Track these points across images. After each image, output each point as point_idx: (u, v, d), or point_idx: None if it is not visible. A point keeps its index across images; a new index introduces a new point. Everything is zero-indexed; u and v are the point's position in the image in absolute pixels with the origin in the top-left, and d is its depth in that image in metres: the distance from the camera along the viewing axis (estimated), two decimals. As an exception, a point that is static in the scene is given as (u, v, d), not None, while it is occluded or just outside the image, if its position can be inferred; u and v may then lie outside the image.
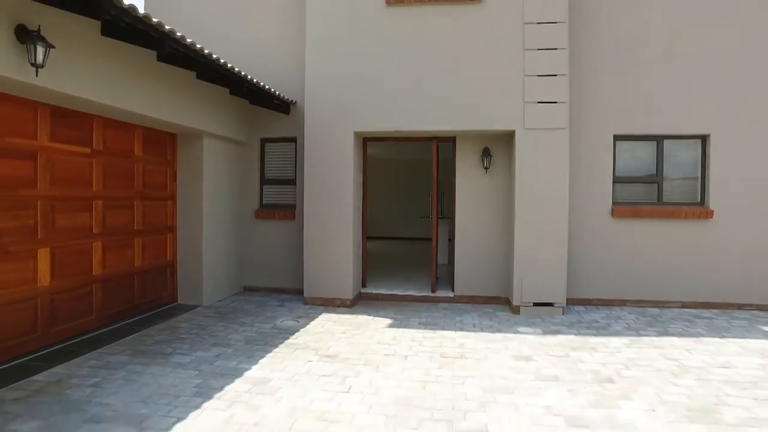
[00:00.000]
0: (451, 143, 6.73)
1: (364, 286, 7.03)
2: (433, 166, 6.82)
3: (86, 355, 4.27)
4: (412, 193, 14.45)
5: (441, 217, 8.24)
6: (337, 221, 6.40)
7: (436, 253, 6.97)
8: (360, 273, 6.92)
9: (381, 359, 4.30)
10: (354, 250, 6.49)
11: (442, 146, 6.87)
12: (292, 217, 7.08)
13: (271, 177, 7.33)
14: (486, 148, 6.54)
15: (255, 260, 7.20)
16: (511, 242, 6.28)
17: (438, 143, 6.78)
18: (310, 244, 6.47)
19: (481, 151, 6.56)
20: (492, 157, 6.55)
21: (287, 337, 4.96)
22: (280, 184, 7.30)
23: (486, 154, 6.52)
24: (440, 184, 7.07)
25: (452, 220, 6.85)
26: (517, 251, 6.08)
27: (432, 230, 6.98)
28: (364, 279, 7.04)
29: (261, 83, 5.97)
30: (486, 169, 6.56)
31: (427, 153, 7.56)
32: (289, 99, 6.85)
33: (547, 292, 6.03)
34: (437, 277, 7.14)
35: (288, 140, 7.21)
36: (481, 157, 6.57)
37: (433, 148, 6.76)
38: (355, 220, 6.59)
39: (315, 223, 6.45)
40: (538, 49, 6.01)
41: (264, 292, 7.13)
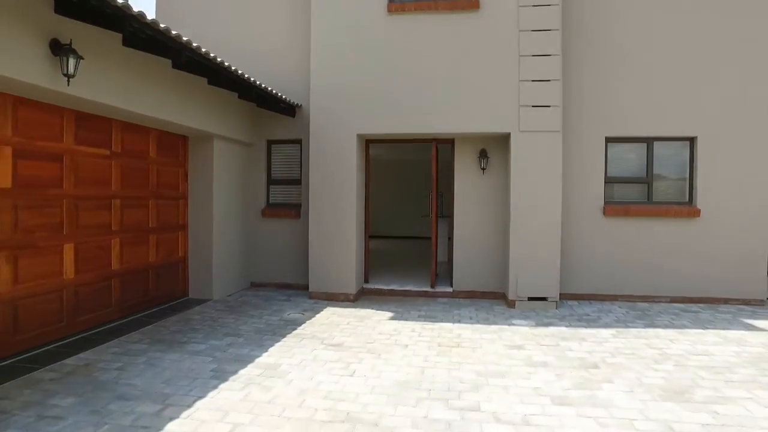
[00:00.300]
0: (450, 145, 7.03)
1: (367, 281, 7.34)
2: (432, 167, 7.12)
3: (108, 343, 4.59)
4: (412, 192, 14.73)
5: (441, 216, 8.52)
6: (340, 220, 6.71)
7: (436, 250, 7.27)
8: (362, 269, 7.22)
9: (383, 348, 4.61)
10: (357, 247, 6.80)
11: (442, 148, 7.18)
12: (297, 215, 7.39)
13: (277, 177, 7.64)
14: (483, 150, 6.84)
15: (262, 257, 7.52)
16: (506, 240, 6.58)
17: (437, 145, 7.08)
18: (314, 242, 6.78)
19: (479, 152, 6.86)
20: (489, 158, 6.85)
21: (294, 328, 5.27)
22: (285, 184, 7.61)
23: (483, 155, 6.82)
24: (440, 184, 7.37)
25: (451, 219, 7.15)
26: (513, 248, 6.38)
27: (431, 229, 7.28)
28: (366, 275, 7.35)
29: (269, 88, 6.28)
30: (483, 170, 6.86)
31: (427, 154, 7.86)
32: (294, 102, 7.15)
33: (541, 287, 6.33)
34: (437, 274, 7.44)
35: (293, 142, 7.52)
36: (478, 158, 6.87)
37: (433, 150, 7.07)
38: (358, 219, 6.90)
39: (319, 221, 6.76)
40: (533, 56, 6.31)
41: (270, 288, 7.45)
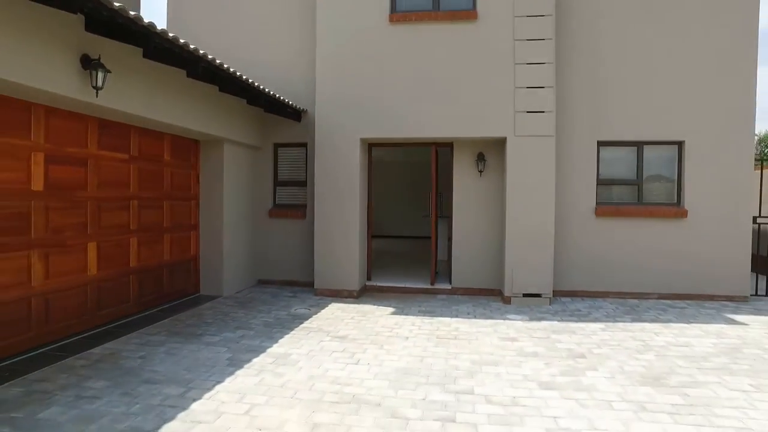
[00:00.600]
0: (449, 148, 7.36)
1: (369, 279, 7.67)
2: (432, 169, 7.45)
3: (129, 335, 4.93)
4: (413, 193, 15.05)
5: (440, 217, 8.85)
6: (344, 220, 7.04)
7: (435, 249, 7.60)
8: (365, 267, 7.56)
9: (385, 339, 4.94)
10: (360, 246, 7.13)
11: (441, 151, 7.51)
12: (303, 216, 7.73)
13: (283, 179, 7.98)
14: (481, 153, 7.17)
15: (269, 255, 7.85)
16: (503, 239, 6.90)
17: (437, 148, 7.41)
18: (320, 241, 7.11)
19: (476, 155, 7.19)
20: (486, 161, 7.17)
21: (302, 322, 5.60)
22: (291, 185, 7.95)
23: (481, 158, 7.14)
24: (440, 186, 7.70)
25: (450, 219, 7.48)
26: (508, 247, 6.70)
27: (431, 228, 7.60)
28: (369, 272, 7.68)
29: (276, 95, 6.61)
30: (480, 172, 7.18)
31: (428, 156, 8.18)
32: (300, 108, 7.48)
33: (536, 284, 6.65)
34: (436, 272, 7.76)
35: (299, 145, 7.86)
36: (476, 161, 7.19)
37: (432, 153, 7.39)
38: (361, 219, 7.23)
39: (324, 221, 7.09)
40: (528, 64, 6.63)
41: (277, 285, 7.79)
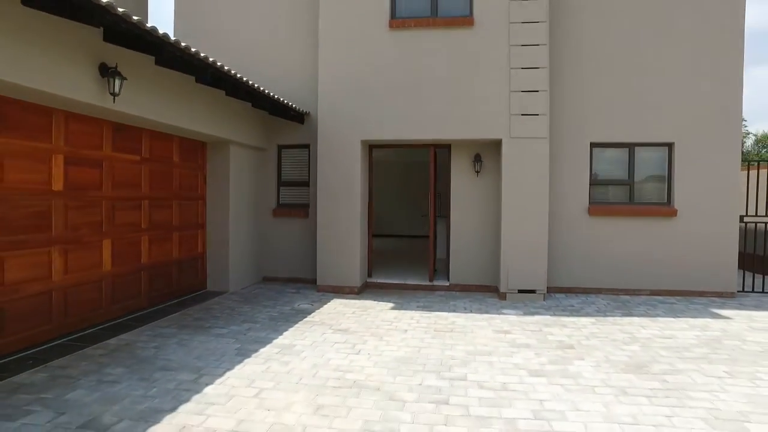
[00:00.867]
0: (447, 149, 7.61)
1: (370, 276, 7.93)
2: (430, 169, 7.70)
3: (141, 327, 5.19)
4: (413, 193, 15.32)
5: (439, 216, 9.10)
6: (346, 218, 7.29)
7: (433, 246, 7.86)
8: (366, 264, 7.81)
9: (384, 332, 5.19)
10: (361, 244, 7.39)
11: (440, 152, 7.76)
12: (306, 215, 7.99)
13: (286, 179, 8.24)
14: (477, 155, 7.42)
15: (273, 253, 8.12)
16: (499, 237, 7.15)
17: (435, 149, 7.66)
18: (322, 239, 7.37)
19: (473, 157, 7.44)
20: (482, 162, 7.42)
21: (305, 316, 5.86)
22: (294, 185, 8.21)
23: (477, 159, 7.40)
24: (438, 186, 7.95)
25: (448, 218, 7.73)
26: (504, 245, 6.95)
27: (429, 227, 7.86)
28: (369, 270, 7.93)
29: (280, 98, 6.88)
30: (477, 173, 7.43)
31: (427, 157, 8.43)
32: (303, 110, 7.75)
33: (530, 280, 6.90)
34: (435, 269, 8.02)
35: (302, 147, 8.12)
36: (473, 162, 7.44)
37: (431, 154, 7.65)
38: (362, 218, 7.49)
39: (327, 220, 7.35)
40: (522, 68, 6.88)
41: (281, 282, 8.05)
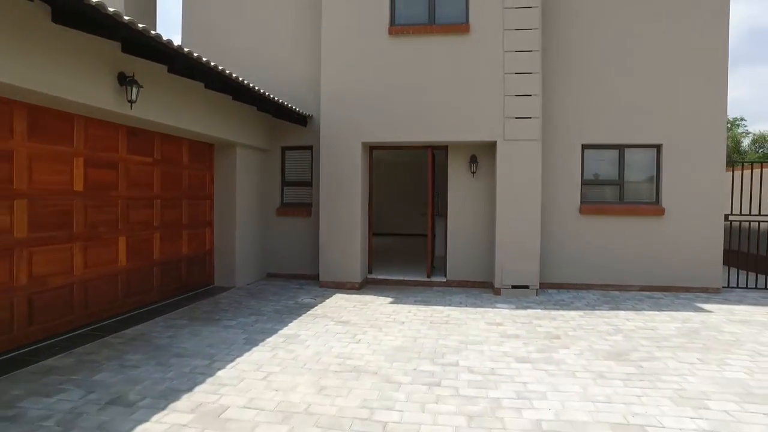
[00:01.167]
0: (444, 151, 7.93)
1: (370, 272, 8.26)
2: (428, 170, 8.02)
3: (155, 319, 5.53)
4: (412, 193, 15.65)
5: (438, 215, 9.42)
6: (346, 217, 7.62)
7: (431, 244, 8.19)
8: (366, 261, 8.14)
9: (383, 324, 5.51)
10: (361, 241, 7.71)
11: (437, 153, 8.08)
12: (309, 214, 8.32)
13: (290, 180, 8.58)
14: (473, 156, 7.73)
15: (277, 250, 8.45)
16: (494, 235, 7.46)
17: (433, 151, 7.98)
18: (324, 237, 7.70)
19: (470, 158, 7.75)
20: (478, 163, 7.73)
21: (308, 309, 6.19)
22: (298, 185, 8.55)
23: (473, 160, 7.71)
24: (436, 186, 8.27)
25: (446, 217, 8.04)
26: (499, 243, 7.26)
27: (428, 225, 8.18)
28: (370, 266, 8.26)
29: (284, 102, 7.20)
30: (473, 173, 7.75)
31: (426, 158, 8.74)
32: (306, 113, 8.07)
33: (523, 276, 7.21)
34: (433, 266, 8.34)
35: (305, 148, 8.45)
36: (469, 163, 7.76)
37: (429, 156, 7.97)
38: (363, 216, 7.81)
39: (328, 219, 7.68)
40: (516, 73, 7.19)
41: (285, 278, 8.39)
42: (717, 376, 3.88)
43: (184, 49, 4.59)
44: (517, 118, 7.19)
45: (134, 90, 4.62)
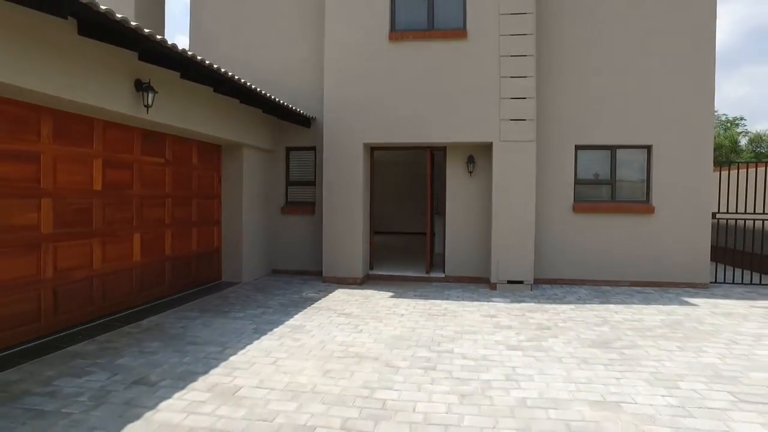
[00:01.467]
0: (443, 151, 8.23)
1: (371, 268, 8.57)
2: (427, 170, 8.32)
3: (167, 311, 5.85)
4: (412, 192, 15.98)
5: (437, 213, 9.74)
6: (349, 215, 7.93)
7: (430, 241, 8.50)
8: (368, 258, 8.45)
9: (383, 316, 5.83)
10: (363, 238, 8.02)
11: (436, 153, 8.39)
12: (312, 212, 8.64)
13: (294, 179, 8.89)
14: (470, 156, 8.04)
15: (281, 247, 8.77)
16: (490, 232, 7.76)
17: (432, 151, 8.29)
18: (327, 234, 8.01)
19: (467, 158, 8.06)
20: (475, 163, 8.04)
21: (312, 302, 6.50)
22: (301, 185, 8.86)
23: (470, 161, 8.01)
24: (435, 185, 8.57)
25: (444, 215, 8.35)
26: (495, 240, 7.57)
27: (426, 223, 8.48)
28: (371, 263, 8.58)
29: (289, 105, 7.51)
30: (470, 173, 8.06)
31: (425, 158, 9.05)
32: (309, 115, 8.38)
33: (518, 272, 7.52)
34: (432, 262, 8.64)
35: (308, 149, 8.76)
36: (466, 163, 8.06)
37: (428, 156, 8.27)
38: (364, 215, 8.12)
39: (331, 217, 7.99)
40: (511, 77, 7.49)
41: (289, 274, 8.70)
42: (692, 361, 4.19)
43: (197, 57, 4.90)
44: (512, 120, 7.49)
45: (150, 95, 4.93)
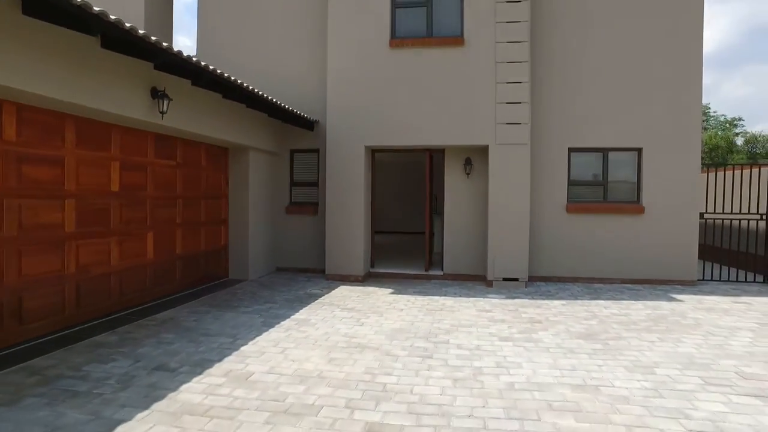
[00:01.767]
0: (441, 153, 8.55)
1: (373, 266, 8.89)
2: (426, 172, 8.64)
3: (179, 306, 6.17)
4: (412, 192, 16.30)
5: (436, 213, 10.06)
6: (351, 215, 8.25)
7: (429, 240, 8.81)
8: (369, 256, 8.77)
9: (384, 310, 6.15)
10: (365, 237, 8.34)
11: (435, 156, 8.70)
12: (315, 212, 8.96)
13: (298, 180, 9.22)
14: (468, 158, 8.35)
15: (286, 246, 9.10)
16: (487, 232, 8.08)
17: (431, 153, 8.61)
18: (330, 233, 8.33)
19: (464, 160, 8.37)
20: (472, 165, 8.35)
21: (316, 298, 6.83)
22: (305, 185, 9.18)
23: (468, 163, 8.33)
24: (434, 186, 8.89)
25: (442, 215, 8.67)
26: (491, 239, 7.89)
27: (425, 222, 8.80)
28: (372, 260, 8.90)
29: (294, 109, 7.84)
30: (468, 174, 8.37)
31: (424, 160, 9.37)
32: (313, 119, 8.70)
33: (514, 269, 7.83)
34: (431, 261, 8.96)
35: (312, 151, 9.09)
36: (464, 165, 8.38)
37: (427, 158, 8.59)
38: (366, 214, 8.44)
39: (334, 216, 8.32)
40: (507, 82, 7.80)
41: (293, 272, 9.03)
42: (670, 351, 4.50)
43: (210, 67, 5.22)
44: (508, 123, 7.81)
45: (165, 102, 5.26)
